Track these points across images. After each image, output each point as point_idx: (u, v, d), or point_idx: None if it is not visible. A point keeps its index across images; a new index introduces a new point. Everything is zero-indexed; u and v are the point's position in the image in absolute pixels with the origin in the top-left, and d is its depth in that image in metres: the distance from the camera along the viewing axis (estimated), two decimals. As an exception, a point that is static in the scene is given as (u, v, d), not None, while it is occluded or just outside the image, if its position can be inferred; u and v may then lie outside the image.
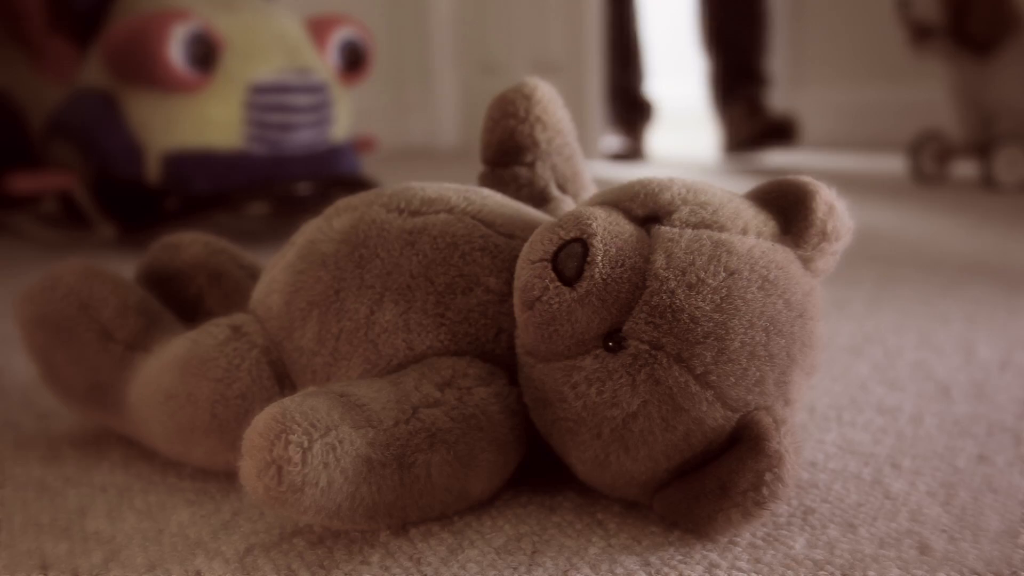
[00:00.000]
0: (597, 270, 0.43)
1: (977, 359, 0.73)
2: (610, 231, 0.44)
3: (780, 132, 2.14)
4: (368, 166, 1.89)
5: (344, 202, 0.55)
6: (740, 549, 0.44)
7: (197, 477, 0.54)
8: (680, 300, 0.43)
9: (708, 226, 0.45)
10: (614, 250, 0.44)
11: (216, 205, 1.29)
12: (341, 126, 1.42)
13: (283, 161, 1.32)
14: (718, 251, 0.44)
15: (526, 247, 0.45)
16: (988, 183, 1.74)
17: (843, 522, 0.47)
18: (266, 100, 1.30)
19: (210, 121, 1.28)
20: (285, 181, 1.32)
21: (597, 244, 0.43)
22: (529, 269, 0.44)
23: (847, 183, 1.88)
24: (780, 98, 2.61)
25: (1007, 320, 0.84)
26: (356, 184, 1.29)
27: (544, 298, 0.44)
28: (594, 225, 0.44)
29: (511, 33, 2.66)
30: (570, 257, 0.44)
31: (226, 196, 1.29)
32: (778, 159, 2.29)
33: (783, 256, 0.46)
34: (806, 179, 0.48)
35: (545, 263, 0.44)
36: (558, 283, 0.44)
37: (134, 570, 0.44)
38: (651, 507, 0.47)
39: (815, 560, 0.43)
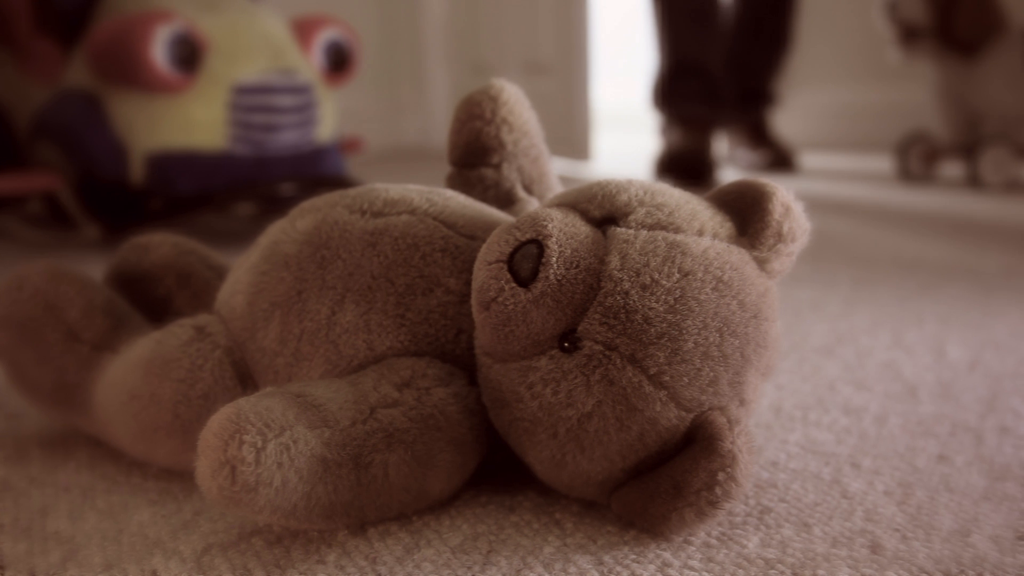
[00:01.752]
0: (552, 271, 0.44)
1: (947, 359, 0.73)
2: (566, 232, 0.44)
3: (779, 164, 2.12)
4: (360, 167, 1.89)
5: (308, 203, 0.55)
6: (694, 548, 0.45)
7: (161, 477, 0.54)
8: (634, 301, 0.43)
9: (664, 227, 0.46)
10: (569, 251, 0.44)
11: (200, 206, 1.29)
12: (326, 127, 1.42)
13: (267, 162, 1.33)
14: (673, 252, 0.44)
15: (483, 248, 0.46)
16: (974, 184, 1.74)
17: (798, 521, 0.47)
18: (250, 101, 1.30)
19: (194, 122, 1.28)
20: (269, 182, 1.32)
21: (552, 245, 0.44)
22: (485, 270, 0.45)
23: (834, 184, 1.88)
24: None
25: (981, 321, 0.84)
26: (341, 185, 1.29)
27: (500, 299, 0.44)
28: (550, 226, 0.44)
29: (503, 34, 2.66)
30: (525, 258, 0.44)
31: (210, 197, 1.29)
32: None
33: (738, 257, 0.46)
34: (763, 181, 0.48)
35: (501, 264, 0.44)
36: (513, 284, 0.44)
37: (91, 570, 0.44)
38: (609, 507, 0.48)
39: (767, 559, 0.43)
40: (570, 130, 2.27)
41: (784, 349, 0.77)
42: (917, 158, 1.88)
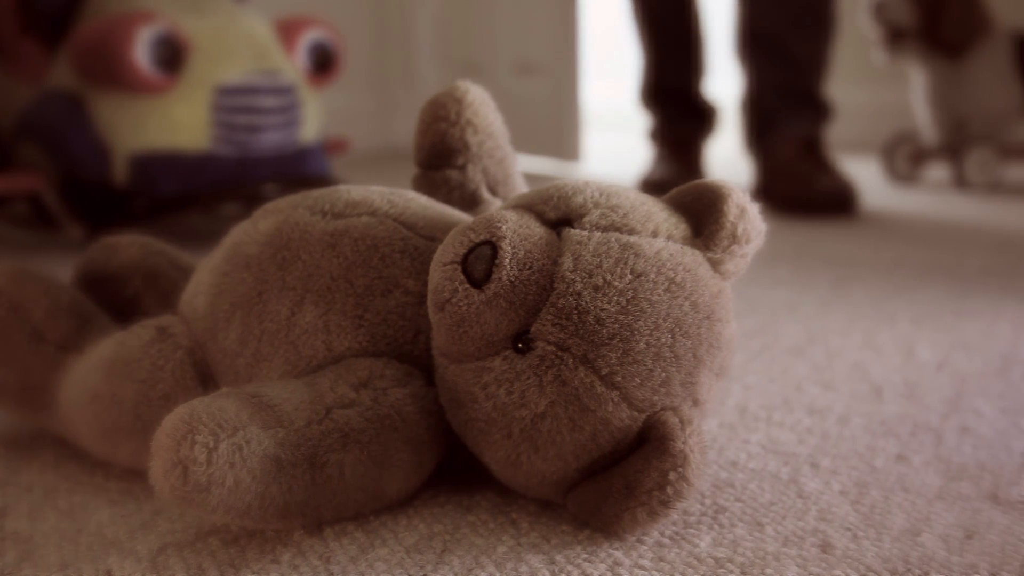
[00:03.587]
0: (505, 272, 0.44)
1: (915, 360, 0.74)
2: (520, 234, 0.45)
3: (838, 202, 1.48)
4: (351, 167, 1.89)
5: (271, 205, 0.56)
6: (646, 547, 0.45)
7: (124, 477, 0.54)
8: (586, 302, 0.44)
9: (618, 229, 0.46)
10: (522, 252, 0.44)
11: (183, 206, 1.29)
12: (310, 128, 1.42)
13: (250, 163, 1.33)
14: (625, 253, 0.45)
15: (439, 250, 0.46)
16: (959, 184, 1.75)
17: (752, 521, 0.47)
18: (233, 102, 1.30)
19: (177, 123, 1.28)
20: (252, 183, 1.32)
21: (505, 247, 0.44)
22: (440, 271, 0.45)
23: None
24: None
25: (953, 322, 0.85)
26: (325, 185, 1.29)
27: (454, 300, 0.44)
28: (503, 228, 0.44)
29: (494, 34, 2.67)
30: (479, 260, 0.44)
31: (193, 198, 1.29)
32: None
33: (691, 259, 0.46)
34: (720, 182, 0.48)
35: (455, 265, 0.45)
36: (467, 285, 0.44)
37: (46, 569, 0.44)
38: (565, 506, 0.48)
39: (717, 558, 0.44)
40: (560, 130, 2.27)
41: (755, 349, 0.77)
42: (903, 159, 1.89)
